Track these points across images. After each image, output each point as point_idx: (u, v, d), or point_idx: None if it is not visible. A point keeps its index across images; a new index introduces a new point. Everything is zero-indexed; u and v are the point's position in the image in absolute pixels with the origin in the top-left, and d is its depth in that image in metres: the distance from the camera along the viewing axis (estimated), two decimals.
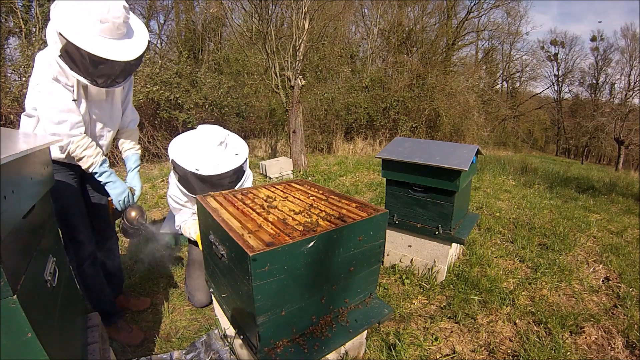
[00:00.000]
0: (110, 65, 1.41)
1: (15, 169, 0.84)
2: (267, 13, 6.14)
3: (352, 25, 14.56)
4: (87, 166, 1.60)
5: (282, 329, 1.29)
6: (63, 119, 1.48)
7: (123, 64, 1.42)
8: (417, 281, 2.40)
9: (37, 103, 1.47)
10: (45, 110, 1.46)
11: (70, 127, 1.51)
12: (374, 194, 4.68)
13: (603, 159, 23.69)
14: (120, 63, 1.41)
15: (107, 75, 1.46)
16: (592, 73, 22.56)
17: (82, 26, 1.32)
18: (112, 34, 1.38)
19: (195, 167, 1.82)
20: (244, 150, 2.01)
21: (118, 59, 1.38)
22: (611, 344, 1.87)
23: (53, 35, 1.36)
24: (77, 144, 1.54)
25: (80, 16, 1.33)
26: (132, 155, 1.87)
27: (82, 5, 1.33)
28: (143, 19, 12.25)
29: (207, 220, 1.53)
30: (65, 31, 1.30)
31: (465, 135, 12.48)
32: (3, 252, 0.72)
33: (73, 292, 1.30)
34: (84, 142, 1.56)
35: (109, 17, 1.34)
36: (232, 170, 1.87)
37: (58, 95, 1.45)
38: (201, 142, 1.90)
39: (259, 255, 1.11)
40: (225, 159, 1.89)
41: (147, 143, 7.20)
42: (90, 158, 1.59)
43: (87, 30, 1.33)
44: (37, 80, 1.46)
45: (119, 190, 1.71)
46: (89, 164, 1.60)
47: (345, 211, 1.49)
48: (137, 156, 1.89)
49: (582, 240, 3.18)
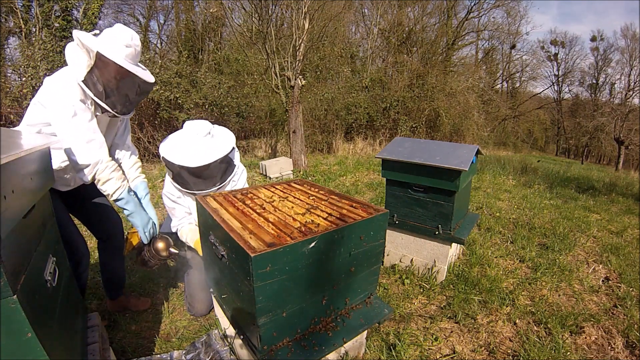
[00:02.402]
0: (132, 88, 1.51)
1: (15, 169, 0.84)
2: (267, 13, 6.14)
3: (352, 25, 14.59)
4: (114, 190, 1.56)
5: (283, 329, 1.29)
6: (92, 138, 1.47)
7: (144, 86, 1.55)
8: (417, 281, 2.40)
9: (57, 125, 1.43)
10: (71, 131, 1.42)
11: (99, 147, 1.50)
12: (374, 194, 4.68)
13: (603, 159, 23.70)
14: (141, 84, 1.53)
15: (125, 99, 1.52)
16: (592, 73, 22.57)
17: (114, 47, 1.45)
18: (133, 59, 1.52)
19: (181, 160, 1.82)
20: (229, 140, 2.01)
21: (143, 78, 1.51)
22: (611, 344, 1.87)
23: (79, 57, 1.42)
24: (107, 164, 1.52)
25: (110, 40, 1.46)
26: (141, 183, 1.83)
27: (110, 32, 1.49)
28: (143, 18, 12.26)
29: (207, 221, 1.52)
30: (105, 50, 1.40)
31: (465, 135, 12.49)
32: (3, 252, 0.72)
33: (73, 292, 1.30)
34: (112, 163, 1.55)
35: (132, 43, 1.49)
36: (218, 159, 1.86)
37: (85, 116, 1.45)
38: (187, 136, 1.92)
39: (260, 256, 1.10)
40: (211, 149, 1.90)
41: (147, 143, 7.20)
42: (118, 181, 1.57)
43: (118, 51, 1.46)
44: (52, 103, 1.41)
45: (145, 221, 1.66)
46: (116, 187, 1.56)
47: (346, 211, 1.49)
48: (145, 184, 1.85)
49: (582, 240, 3.18)
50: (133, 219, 1.64)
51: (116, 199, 1.59)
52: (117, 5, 12.72)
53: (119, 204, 1.60)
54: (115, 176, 1.55)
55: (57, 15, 7.70)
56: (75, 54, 1.43)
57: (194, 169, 1.83)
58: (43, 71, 5.91)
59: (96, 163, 1.49)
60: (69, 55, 1.43)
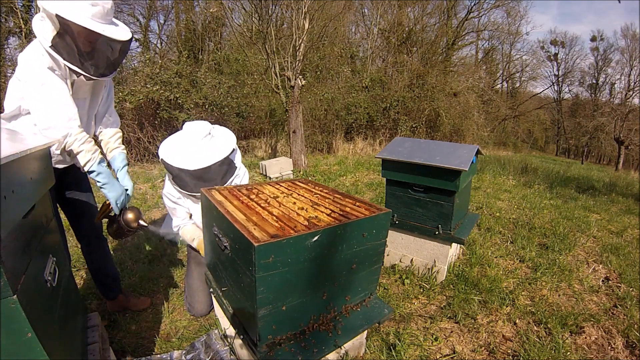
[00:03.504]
0: (103, 49, 1.43)
1: (15, 169, 0.84)
2: (267, 13, 6.14)
3: (352, 25, 14.59)
4: (84, 162, 1.52)
5: (282, 324, 1.29)
6: (60, 110, 1.42)
7: (116, 45, 1.46)
8: (417, 281, 2.40)
9: (27, 95, 1.40)
10: (38, 101, 1.38)
11: (67, 119, 1.44)
12: (374, 194, 4.68)
13: (603, 159, 23.71)
14: (113, 43, 1.44)
15: (99, 61, 1.46)
16: (592, 73, 22.61)
17: (76, 8, 1.36)
18: (102, 18, 1.42)
19: (180, 163, 1.81)
20: (229, 141, 1.98)
21: (113, 36, 1.42)
22: (611, 344, 1.87)
23: (43, 24, 1.36)
24: (75, 137, 1.47)
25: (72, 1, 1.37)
26: (119, 154, 1.80)
27: None
28: (143, 19, 12.26)
29: (211, 213, 1.52)
30: (63, 11, 1.32)
31: (465, 135, 12.49)
32: (3, 252, 0.72)
33: (73, 292, 1.30)
34: (82, 135, 1.49)
35: (98, 1, 1.39)
36: (217, 162, 1.84)
37: (53, 85, 1.40)
38: (186, 137, 1.89)
39: (264, 246, 1.10)
40: (210, 151, 1.88)
41: (147, 143, 7.20)
42: (89, 154, 1.51)
43: (81, 11, 1.36)
44: (24, 74, 1.38)
45: (117, 193, 1.63)
46: (87, 159, 1.51)
47: (349, 209, 1.49)
48: (123, 155, 1.81)
49: (582, 240, 3.18)
50: (105, 191, 1.60)
51: (88, 170, 1.55)
52: (117, 5, 12.72)
53: (91, 176, 1.57)
54: (85, 148, 1.50)
55: None
56: (40, 22, 1.37)
57: (192, 171, 1.81)
58: None
59: (65, 136, 1.45)
60: (35, 24, 1.38)
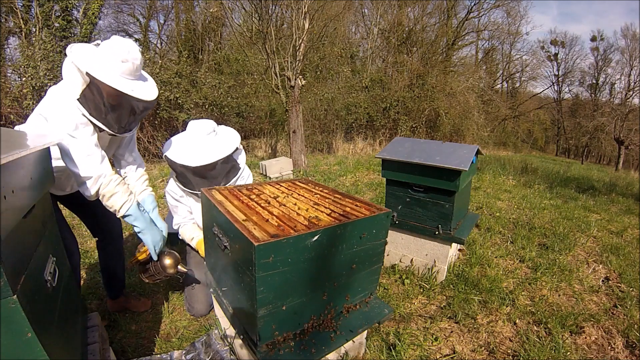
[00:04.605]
0: (129, 107, 1.43)
1: (15, 169, 0.84)
2: (267, 13, 6.14)
3: (352, 25, 14.59)
4: (120, 205, 1.48)
5: (282, 324, 1.29)
6: (93, 152, 1.42)
7: (142, 104, 1.45)
8: (417, 281, 2.40)
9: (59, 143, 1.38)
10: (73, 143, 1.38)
11: (100, 160, 1.44)
12: (374, 194, 4.68)
13: (603, 159, 23.72)
14: (141, 102, 1.44)
15: (123, 118, 1.46)
16: (592, 73, 22.60)
17: (106, 66, 1.36)
18: (131, 74, 1.42)
19: (183, 159, 1.80)
20: (233, 140, 1.97)
21: (140, 97, 1.42)
22: (611, 344, 1.87)
23: (74, 75, 1.36)
24: (111, 178, 1.46)
25: (103, 57, 1.37)
26: (149, 196, 1.75)
27: (105, 47, 1.39)
28: (143, 18, 12.26)
29: (211, 212, 1.52)
30: (94, 71, 1.32)
31: (465, 135, 12.49)
32: (3, 252, 0.72)
33: (73, 292, 1.30)
34: (116, 177, 1.47)
35: (129, 57, 1.38)
36: (220, 159, 1.83)
37: (87, 130, 1.41)
38: (191, 135, 1.89)
39: (264, 246, 1.10)
40: (214, 149, 1.87)
41: (147, 143, 7.21)
42: (124, 195, 1.48)
43: (111, 69, 1.37)
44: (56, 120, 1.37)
45: (156, 238, 1.60)
46: (122, 201, 1.48)
47: (350, 209, 1.49)
48: (152, 197, 1.77)
49: (582, 240, 3.18)
50: (144, 236, 1.58)
51: (124, 215, 1.51)
52: (117, 5, 12.72)
53: (128, 220, 1.53)
54: (120, 190, 1.48)
55: (57, 15, 7.72)
56: (70, 71, 1.37)
57: (195, 168, 1.80)
58: (43, 71, 5.92)
59: (99, 176, 1.43)
60: (65, 72, 1.38)
